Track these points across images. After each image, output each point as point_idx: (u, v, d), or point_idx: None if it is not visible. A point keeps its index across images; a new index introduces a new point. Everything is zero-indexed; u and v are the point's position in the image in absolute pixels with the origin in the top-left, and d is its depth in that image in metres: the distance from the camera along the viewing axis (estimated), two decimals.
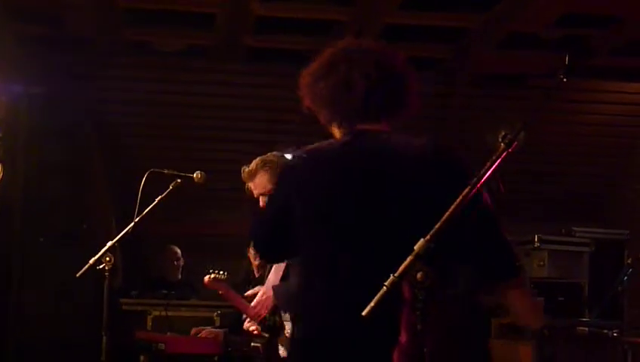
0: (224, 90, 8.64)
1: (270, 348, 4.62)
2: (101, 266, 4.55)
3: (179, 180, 4.88)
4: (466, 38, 7.53)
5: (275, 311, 4.76)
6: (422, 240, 2.28)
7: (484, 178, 2.42)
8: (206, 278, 5.48)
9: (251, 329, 4.92)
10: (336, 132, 2.97)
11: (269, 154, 4.53)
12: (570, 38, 7.34)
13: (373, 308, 2.22)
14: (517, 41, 7.56)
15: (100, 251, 4.60)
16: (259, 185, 4.47)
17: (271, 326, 4.84)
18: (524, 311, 2.77)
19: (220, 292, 5.51)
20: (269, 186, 4.40)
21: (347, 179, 2.82)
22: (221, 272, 5.43)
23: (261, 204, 4.48)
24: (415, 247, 2.27)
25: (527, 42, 7.56)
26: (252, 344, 4.79)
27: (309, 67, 3.00)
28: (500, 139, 2.50)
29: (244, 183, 4.58)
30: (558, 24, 7.09)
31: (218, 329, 6.51)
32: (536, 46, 7.57)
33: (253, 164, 4.51)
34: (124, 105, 8.69)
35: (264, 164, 4.47)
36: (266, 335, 4.73)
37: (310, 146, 3.06)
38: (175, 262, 8.18)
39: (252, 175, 4.49)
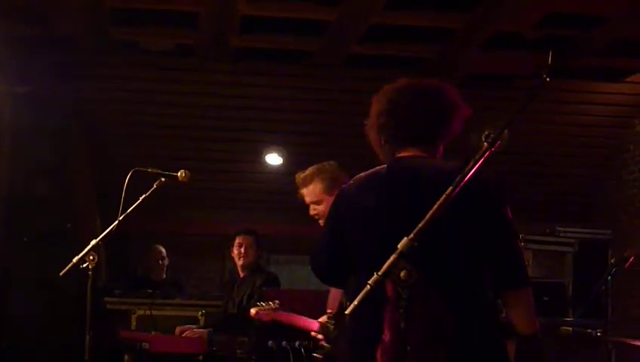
0: (211, 89, 8.64)
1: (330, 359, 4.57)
2: (85, 265, 4.53)
3: (163, 179, 4.86)
4: (451, 39, 7.54)
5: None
6: (405, 238, 2.28)
7: (467, 177, 2.43)
8: (252, 311, 5.41)
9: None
10: (383, 158, 3.18)
11: (325, 163, 4.53)
12: (554, 39, 7.37)
13: (356, 306, 2.23)
14: (501, 41, 7.58)
15: (83, 250, 4.58)
16: (312, 192, 4.46)
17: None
18: (522, 319, 2.82)
19: (278, 319, 5.41)
20: (321, 196, 4.41)
21: (386, 203, 2.97)
22: (270, 303, 5.34)
23: (311, 212, 4.48)
24: (399, 246, 2.27)
25: (511, 43, 7.58)
26: (314, 354, 4.72)
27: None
28: (484, 139, 2.51)
29: (298, 189, 4.56)
30: (541, 24, 7.12)
31: (202, 329, 6.50)
32: (521, 46, 7.60)
33: (308, 171, 4.50)
34: (111, 105, 8.68)
35: (319, 173, 4.46)
36: (327, 345, 4.67)
37: (363, 173, 3.22)
38: (160, 262, 8.17)
39: (306, 182, 4.48)
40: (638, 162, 9.02)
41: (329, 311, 4.22)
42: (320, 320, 4.45)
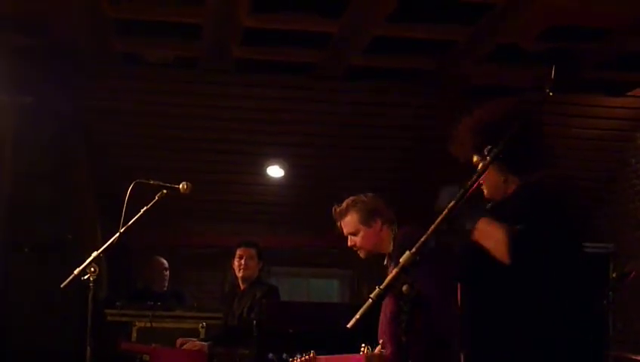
0: (212, 101, 8.64)
1: None
2: (86, 277, 4.52)
3: (165, 191, 4.85)
4: (453, 51, 7.55)
5: None
6: (407, 252, 2.28)
7: (471, 190, 2.43)
8: None
9: None
10: None
11: (362, 195, 4.53)
12: (557, 52, 7.37)
13: (358, 320, 2.22)
14: (503, 54, 7.58)
15: (84, 261, 4.57)
16: (348, 223, 4.46)
17: None
18: None
19: None
20: (358, 226, 4.41)
21: None
22: (305, 356, 5.25)
23: (349, 243, 4.47)
24: (401, 260, 2.27)
25: (513, 55, 7.59)
26: None
27: None
28: (486, 153, 2.52)
29: (335, 221, 4.55)
30: (544, 37, 7.13)
31: (202, 342, 6.49)
32: (523, 59, 7.61)
33: (344, 203, 4.50)
34: (112, 116, 8.67)
35: (355, 204, 4.45)
36: None
37: None
38: (161, 273, 8.15)
39: (343, 214, 4.48)
40: (639, 175, 9.00)
41: (380, 341, 4.19)
42: (364, 351, 4.41)
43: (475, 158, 3.00)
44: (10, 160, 7.56)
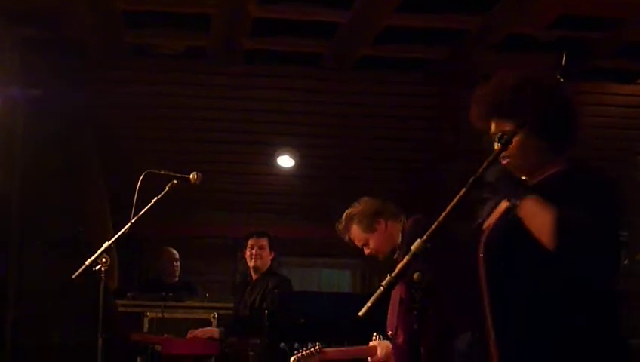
0: (222, 91, 8.64)
1: None
2: (97, 267, 4.53)
3: (175, 181, 4.85)
4: (464, 40, 7.52)
5: None
6: (418, 240, 2.27)
7: (480, 177, 2.42)
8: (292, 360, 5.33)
9: None
10: None
11: (355, 203, 4.51)
12: (568, 40, 7.34)
13: (369, 308, 2.22)
14: (515, 43, 7.56)
15: (96, 253, 4.58)
16: (355, 237, 4.45)
17: None
18: None
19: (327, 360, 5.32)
20: (364, 236, 4.39)
21: None
22: (311, 349, 5.22)
23: (366, 253, 4.46)
24: (412, 247, 2.26)
25: (524, 44, 7.56)
26: None
27: None
28: (497, 140, 2.50)
29: (343, 239, 4.55)
30: (555, 26, 7.10)
31: (214, 329, 6.51)
32: (534, 48, 7.57)
33: (342, 221, 4.48)
34: (122, 108, 8.69)
35: (352, 218, 4.44)
36: None
37: None
38: (172, 264, 8.16)
39: (346, 231, 4.47)
40: None
41: (389, 332, 4.18)
42: (373, 343, 4.40)
43: (493, 127, 2.81)
44: (20, 154, 7.57)
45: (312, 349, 4.85)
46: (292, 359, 5.03)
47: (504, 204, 2.71)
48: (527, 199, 2.61)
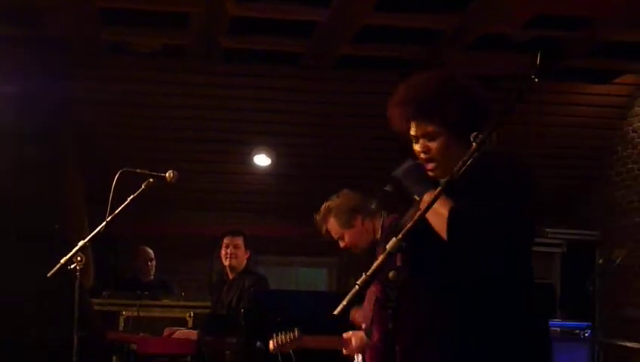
0: (200, 90, 8.63)
1: None
2: (72, 266, 4.51)
3: (151, 180, 4.84)
4: (439, 40, 7.55)
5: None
6: (394, 238, 2.28)
7: (454, 178, 2.43)
8: (271, 345, 5.30)
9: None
10: None
11: (335, 196, 4.52)
12: (543, 40, 7.39)
13: (345, 306, 2.23)
14: (490, 42, 7.60)
15: (71, 251, 4.56)
16: (332, 230, 4.48)
17: None
18: None
19: (304, 346, 5.31)
20: (340, 231, 4.42)
21: None
22: (290, 334, 5.19)
23: (341, 246, 4.47)
24: (387, 246, 2.27)
25: (499, 44, 7.60)
26: None
27: None
28: (472, 139, 2.52)
29: (320, 230, 4.55)
30: (530, 26, 7.14)
31: (191, 330, 6.50)
32: (509, 48, 7.62)
33: (321, 212, 4.50)
34: (100, 105, 8.65)
35: (330, 210, 4.46)
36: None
37: None
38: (148, 263, 8.15)
39: (323, 222, 4.49)
40: (625, 163, 9.04)
41: (363, 326, 4.20)
42: (348, 334, 4.41)
43: (414, 129, 2.79)
44: None
45: (291, 334, 4.86)
46: (270, 342, 5.03)
47: (424, 205, 2.70)
48: (427, 194, 2.64)
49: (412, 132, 2.83)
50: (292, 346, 5.06)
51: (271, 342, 5.00)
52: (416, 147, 2.79)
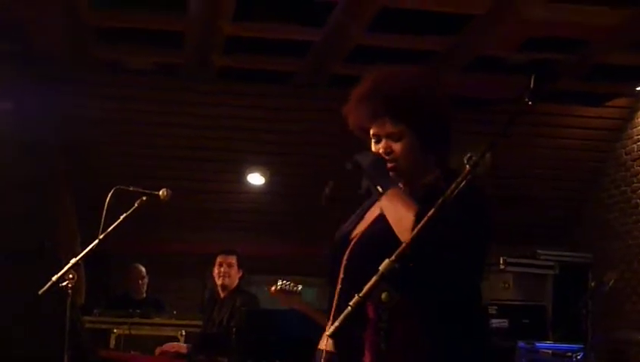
0: (194, 108, 8.64)
1: None
2: (64, 283, 4.50)
3: (144, 198, 4.84)
4: (433, 61, 7.58)
5: None
6: (387, 260, 2.27)
7: (449, 198, 2.43)
8: (272, 288, 5.30)
9: None
10: None
11: None
12: (536, 63, 7.42)
13: (337, 327, 2.22)
14: (483, 64, 7.62)
15: (63, 268, 4.55)
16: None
17: None
18: None
19: (296, 308, 5.29)
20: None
21: None
22: (293, 286, 5.17)
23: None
24: (380, 268, 2.26)
25: (493, 66, 7.63)
26: None
27: None
28: (465, 161, 2.51)
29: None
30: (523, 48, 7.17)
31: (181, 344, 6.48)
32: (503, 70, 7.65)
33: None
34: (92, 123, 8.65)
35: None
36: None
37: None
38: (140, 281, 8.13)
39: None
40: (617, 186, 9.07)
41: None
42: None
43: (378, 128, 2.67)
44: None
45: (295, 288, 4.82)
46: (272, 288, 4.98)
47: (376, 211, 2.64)
48: (393, 189, 2.56)
49: (374, 130, 2.71)
50: (289, 302, 5.02)
51: (273, 287, 4.97)
52: (378, 147, 2.67)
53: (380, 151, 2.67)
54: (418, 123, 2.63)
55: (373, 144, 2.72)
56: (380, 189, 2.58)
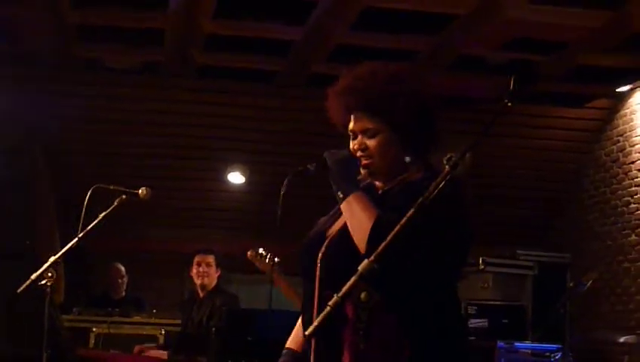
0: (174, 106, 8.62)
1: None
2: (43, 282, 4.48)
3: (124, 196, 4.82)
4: (415, 60, 7.59)
5: None
6: (366, 260, 2.26)
7: (429, 199, 2.42)
8: (250, 252, 5.36)
9: None
10: None
11: None
12: (518, 63, 7.45)
13: (316, 327, 2.22)
14: (465, 64, 7.64)
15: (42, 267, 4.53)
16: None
17: None
18: None
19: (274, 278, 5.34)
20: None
21: None
22: (270, 256, 5.25)
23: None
24: (359, 268, 2.25)
25: (475, 66, 7.65)
26: None
27: None
28: (445, 162, 2.50)
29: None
30: (505, 49, 7.20)
31: (162, 351, 6.45)
32: (484, 70, 7.67)
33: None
34: (73, 121, 8.61)
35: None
36: None
37: None
38: (119, 280, 8.11)
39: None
40: (597, 187, 9.11)
41: None
42: None
43: (354, 123, 2.63)
44: None
45: (271, 260, 4.90)
46: (250, 251, 5.05)
47: (348, 206, 2.58)
48: (353, 195, 2.52)
49: (351, 126, 2.67)
50: (267, 269, 5.10)
51: (250, 251, 5.03)
52: (354, 143, 2.64)
53: (355, 147, 2.64)
54: (397, 120, 2.59)
55: (350, 140, 2.69)
56: (340, 195, 2.55)
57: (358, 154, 2.63)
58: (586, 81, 8.07)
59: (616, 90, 8.38)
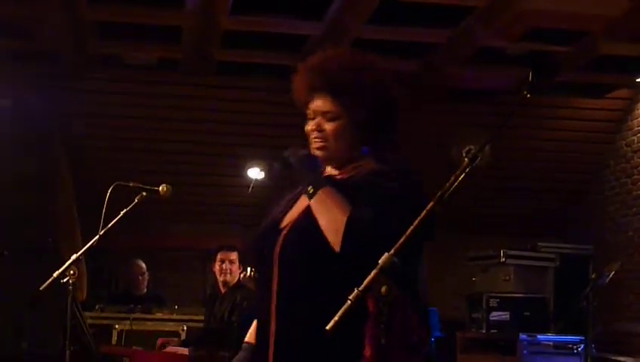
0: (192, 103, 8.63)
1: None
2: (65, 279, 4.50)
3: (144, 193, 4.84)
4: (433, 53, 7.57)
5: None
6: (386, 254, 2.26)
7: (449, 192, 2.42)
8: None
9: None
10: None
11: None
12: (537, 54, 7.41)
13: (337, 322, 2.22)
14: (484, 56, 7.61)
15: (64, 264, 4.55)
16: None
17: None
18: None
19: None
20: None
21: None
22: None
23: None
24: (380, 261, 2.26)
25: (494, 58, 7.62)
26: None
27: None
28: (464, 154, 2.50)
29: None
30: (524, 40, 7.16)
31: (183, 348, 6.48)
32: (504, 62, 7.64)
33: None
34: (93, 118, 8.65)
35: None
36: None
37: None
38: (140, 277, 8.14)
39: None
40: (618, 178, 9.06)
41: None
42: None
43: (315, 103, 2.66)
44: None
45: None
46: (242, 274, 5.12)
47: (306, 201, 2.59)
48: (324, 190, 2.52)
49: (312, 106, 2.69)
50: None
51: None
52: (311, 123, 2.65)
53: (311, 127, 2.66)
54: (359, 109, 2.58)
55: (308, 121, 2.70)
56: (310, 189, 2.56)
57: (314, 135, 2.67)
58: (606, 72, 8.01)
59: (637, 80, 8.33)
